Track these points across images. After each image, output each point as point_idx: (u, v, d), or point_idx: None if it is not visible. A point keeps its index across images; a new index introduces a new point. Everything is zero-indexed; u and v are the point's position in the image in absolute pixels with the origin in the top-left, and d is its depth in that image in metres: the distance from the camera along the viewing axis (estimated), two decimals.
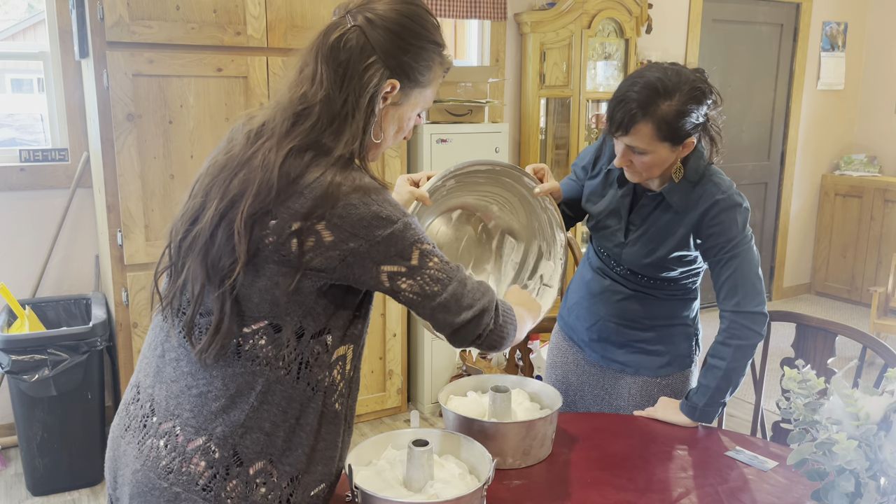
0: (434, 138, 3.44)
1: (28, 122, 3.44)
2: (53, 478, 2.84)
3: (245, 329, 1.12)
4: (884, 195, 5.31)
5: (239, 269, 1.09)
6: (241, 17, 2.87)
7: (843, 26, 5.52)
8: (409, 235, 1.13)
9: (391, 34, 1.14)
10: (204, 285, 1.12)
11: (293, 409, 1.14)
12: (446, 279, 1.16)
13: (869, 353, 1.71)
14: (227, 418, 1.12)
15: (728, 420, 3.56)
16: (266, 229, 1.09)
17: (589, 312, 1.87)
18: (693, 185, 1.67)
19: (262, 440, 1.12)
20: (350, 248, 1.09)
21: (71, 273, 3.28)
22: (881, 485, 1.05)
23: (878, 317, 4.23)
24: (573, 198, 1.89)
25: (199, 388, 1.13)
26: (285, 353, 1.13)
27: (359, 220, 1.09)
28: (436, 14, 3.77)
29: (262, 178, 1.09)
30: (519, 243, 1.70)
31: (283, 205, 1.09)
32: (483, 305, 1.19)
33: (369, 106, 1.15)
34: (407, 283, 1.14)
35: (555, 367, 2.00)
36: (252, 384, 1.12)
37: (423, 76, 1.20)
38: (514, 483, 1.45)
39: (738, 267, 1.65)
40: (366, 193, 1.10)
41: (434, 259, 1.16)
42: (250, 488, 1.12)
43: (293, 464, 1.14)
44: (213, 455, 1.11)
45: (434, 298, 1.15)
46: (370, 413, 3.53)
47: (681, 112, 1.55)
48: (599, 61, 4.29)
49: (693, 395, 1.70)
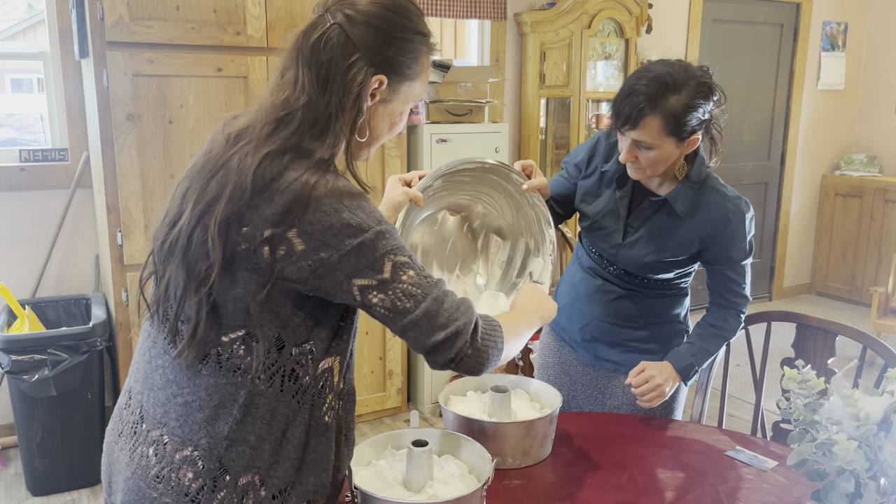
0: (434, 138, 3.44)
1: (28, 122, 3.44)
2: (53, 478, 2.84)
3: (224, 338, 1.09)
4: (884, 195, 5.31)
5: (214, 275, 1.05)
6: (241, 17, 2.87)
7: (843, 26, 5.52)
8: (380, 245, 1.06)
9: (373, 29, 1.10)
10: (185, 290, 1.09)
11: (278, 422, 1.10)
12: (421, 295, 1.08)
13: (869, 353, 1.71)
14: (212, 430, 1.09)
15: (728, 420, 3.56)
16: (239, 235, 1.05)
17: (581, 313, 1.87)
18: (695, 191, 1.68)
19: (247, 453, 1.09)
20: (320, 258, 1.04)
21: (71, 273, 3.28)
22: (881, 485, 1.05)
23: (878, 317, 4.23)
24: (564, 195, 1.88)
25: (185, 396, 1.11)
26: (267, 365, 1.09)
27: (328, 227, 1.04)
28: (436, 14, 3.78)
29: (237, 181, 1.05)
30: (505, 242, 1.69)
31: (256, 210, 1.04)
32: (458, 327, 1.10)
33: (355, 105, 1.11)
34: (378, 298, 1.07)
35: (547, 368, 1.99)
36: (234, 396, 1.09)
37: (411, 69, 1.15)
38: (514, 483, 1.45)
39: (740, 270, 1.74)
40: (338, 199, 1.05)
41: (409, 272, 1.08)
42: (239, 500, 1.09)
43: (281, 477, 1.11)
44: (200, 466, 1.09)
45: (405, 315, 1.08)
46: (370, 413, 3.53)
47: (688, 106, 1.54)
48: (599, 61, 4.29)
49: (694, 358, 1.72)
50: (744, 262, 1.73)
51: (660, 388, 1.66)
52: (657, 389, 1.65)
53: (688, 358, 1.71)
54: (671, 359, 1.72)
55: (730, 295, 1.76)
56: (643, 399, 1.66)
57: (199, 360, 1.10)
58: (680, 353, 1.73)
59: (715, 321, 1.77)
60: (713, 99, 1.59)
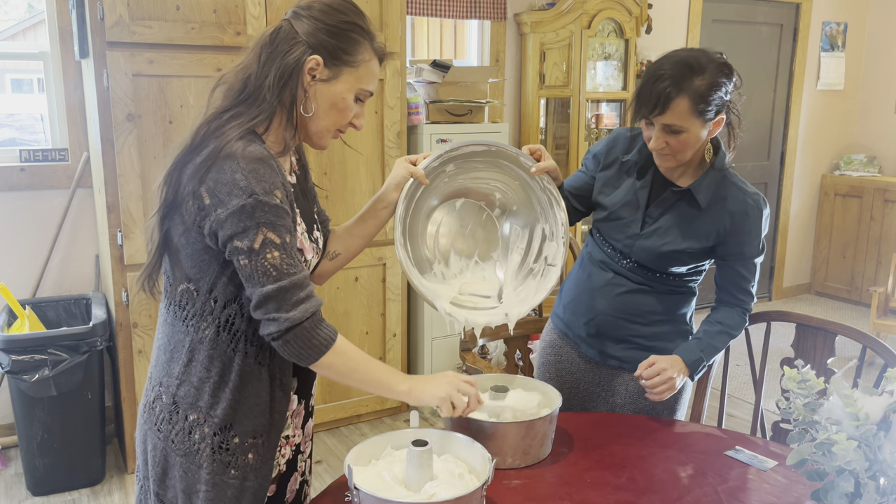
0: (434, 138, 3.44)
1: (28, 122, 3.44)
2: (53, 478, 2.84)
3: (178, 288, 1.29)
4: (883, 195, 5.31)
5: (160, 205, 1.25)
6: (241, 18, 2.87)
7: (842, 26, 5.52)
8: (258, 215, 1.18)
9: (313, 19, 1.28)
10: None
11: (215, 367, 1.28)
12: (274, 277, 1.21)
13: (869, 353, 1.71)
14: (169, 370, 1.31)
15: (728, 420, 3.56)
16: (180, 183, 1.23)
17: (587, 307, 1.87)
18: (717, 183, 1.72)
19: (192, 393, 1.29)
20: (216, 214, 1.19)
21: (71, 273, 3.28)
22: (880, 485, 1.05)
23: (878, 317, 4.23)
24: (582, 189, 1.88)
25: (159, 341, 1.35)
26: (204, 315, 1.27)
27: (223, 184, 1.18)
28: (436, 14, 3.79)
29: (186, 137, 1.25)
30: (524, 229, 1.70)
31: (190, 163, 1.22)
32: (282, 319, 1.21)
33: (291, 79, 1.26)
34: (243, 262, 1.20)
35: (548, 366, 1.99)
36: (182, 341, 1.29)
37: (350, 56, 1.29)
38: (514, 483, 1.45)
39: (751, 267, 1.77)
40: (238, 161, 1.19)
41: (275, 253, 1.20)
42: (188, 434, 1.29)
43: (220, 416, 1.28)
44: (163, 400, 1.31)
45: (255, 287, 1.21)
46: (370, 413, 3.53)
47: (713, 85, 1.58)
48: (599, 61, 4.29)
49: (703, 353, 1.74)
50: (756, 259, 1.76)
51: (671, 381, 1.67)
52: (668, 382, 1.66)
53: (697, 353, 1.73)
54: (681, 353, 1.73)
55: (738, 292, 1.78)
56: (654, 392, 1.67)
57: (166, 309, 1.32)
58: (689, 347, 1.75)
59: (723, 318, 1.79)
60: (733, 80, 1.63)
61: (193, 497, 1.30)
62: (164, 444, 1.30)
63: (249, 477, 1.32)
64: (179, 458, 1.29)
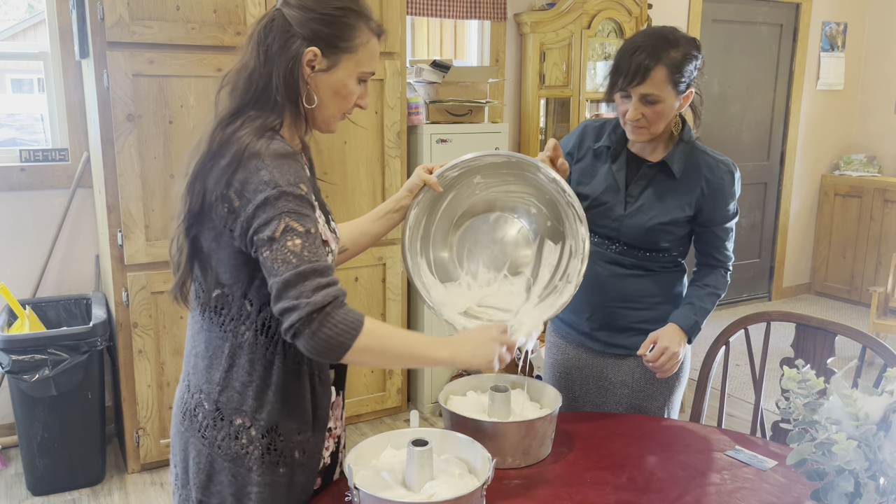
0: (434, 138, 3.44)
1: (28, 122, 3.44)
2: (53, 478, 2.84)
3: (212, 294, 1.27)
4: (883, 195, 5.31)
5: (184, 213, 1.22)
6: (241, 17, 2.87)
7: (842, 26, 5.52)
8: (280, 205, 1.16)
9: (303, 9, 1.25)
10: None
11: (256, 371, 1.27)
12: (295, 263, 1.15)
13: (868, 353, 1.71)
14: (209, 377, 1.29)
15: (728, 420, 3.57)
16: (204, 190, 1.21)
17: (585, 304, 1.88)
18: (687, 154, 1.79)
19: (235, 398, 1.27)
20: (246, 213, 1.17)
21: (71, 273, 3.28)
22: (880, 485, 1.05)
23: (878, 317, 4.23)
24: None
25: (196, 348, 1.32)
26: (241, 320, 1.26)
27: (249, 183, 1.17)
28: (436, 14, 3.79)
29: (202, 145, 1.23)
30: (556, 245, 1.71)
31: (214, 169, 1.20)
32: (299, 304, 1.13)
33: (292, 74, 1.24)
34: (265, 255, 1.17)
35: (555, 366, 2.00)
36: (222, 347, 1.28)
37: (346, 42, 1.27)
38: (514, 483, 1.45)
39: (727, 229, 1.85)
40: (262, 158, 1.18)
41: (297, 241, 1.16)
42: (234, 439, 1.28)
43: (266, 418, 1.28)
44: (206, 408, 1.29)
45: (273, 276, 1.16)
46: (370, 413, 3.53)
47: (686, 56, 1.67)
48: (599, 61, 4.29)
49: (697, 316, 1.78)
50: (730, 222, 1.84)
51: (675, 357, 1.72)
52: (673, 358, 1.72)
53: (692, 317, 1.78)
54: (676, 320, 1.78)
55: (718, 254, 1.87)
56: (661, 370, 1.72)
57: (201, 316, 1.30)
58: (683, 313, 1.79)
59: (709, 281, 1.86)
60: (700, 56, 1.71)
61: (244, 499, 1.30)
62: (210, 450, 1.29)
63: (297, 472, 1.33)
64: (227, 464, 1.28)
